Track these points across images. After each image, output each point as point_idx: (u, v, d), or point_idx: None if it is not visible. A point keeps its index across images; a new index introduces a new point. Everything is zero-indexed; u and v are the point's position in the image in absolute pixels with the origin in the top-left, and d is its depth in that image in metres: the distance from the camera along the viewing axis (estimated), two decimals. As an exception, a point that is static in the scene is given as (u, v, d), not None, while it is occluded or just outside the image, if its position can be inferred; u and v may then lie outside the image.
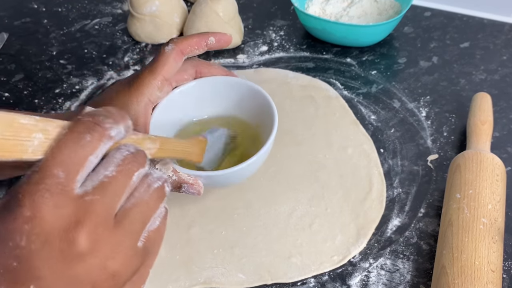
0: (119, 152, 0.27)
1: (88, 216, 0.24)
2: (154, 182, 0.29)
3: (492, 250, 0.43)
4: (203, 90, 0.50)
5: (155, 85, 0.45)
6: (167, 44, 0.46)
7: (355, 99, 0.66)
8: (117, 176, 0.26)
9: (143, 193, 0.28)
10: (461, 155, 0.52)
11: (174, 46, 0.45)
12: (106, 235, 0.25)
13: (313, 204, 0.53)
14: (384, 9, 0.77)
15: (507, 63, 0.71)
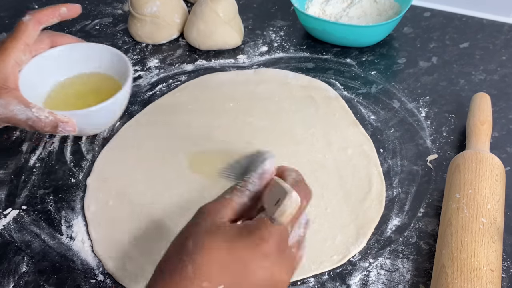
0: (291, 197, 0.33)
1: (286, 240, 0.33)
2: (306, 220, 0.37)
3: (491, 250, 0.43)
4: (65, 54, 0.59)
5: (19, 49, 0.52)
6: (25, 15, 0.53)
7: (354, 99, 0.66)
8: (297, 215, 0.35)
9: (303, 229, 0.36)
10: (461, 155, 0.52)
11: (31, 17, 0.52)
12: (290, 261, 0.34)
13: (313, 204, 0.53)
14: (384, 10, 0.77)
15: (507, 63, 0.71)
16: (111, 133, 0.63)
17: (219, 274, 0.30)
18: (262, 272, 0.30)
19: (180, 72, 0.73)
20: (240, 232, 0.31)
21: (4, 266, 0.49)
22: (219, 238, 0.31)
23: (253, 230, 0.31)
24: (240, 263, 0.30)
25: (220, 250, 0.30)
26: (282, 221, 0.31)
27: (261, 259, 0.30)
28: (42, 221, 0.53)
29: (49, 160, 0.60)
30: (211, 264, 0.30)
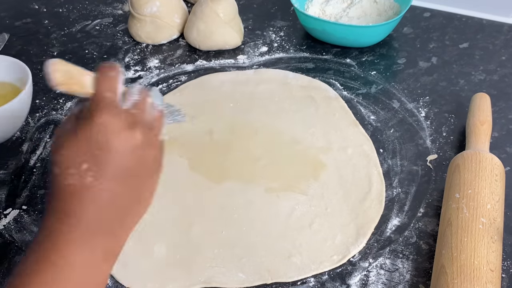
0: (133, 88, 0.39)
1: (138, 121, 0.37)
2: (155, 106, 0.41)
3: (491, 250, 0.43)
4: None
5: None
6: None
7: (354, 99, 0.66)
8: (142, 100, 0.39)
9: (154, 112, 0.40)
10: (460, 155, 0.52)
11: None
12: (148, 133, 0.37)
13: (313, 204, 0.53)
14: (384, 10, 0.77)
15: (506, 64, 0.71)
16: (111, 133, 0.63)
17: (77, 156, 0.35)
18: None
19: (180, 72, 0.73)
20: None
21: (4, 266, 0.49)
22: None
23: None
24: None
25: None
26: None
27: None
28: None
29: (49, 160, 0.60)
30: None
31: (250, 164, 0.57)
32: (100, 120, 0.35)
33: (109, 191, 0.35)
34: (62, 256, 0.33)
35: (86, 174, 0.34)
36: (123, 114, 0.37)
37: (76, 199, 0.34)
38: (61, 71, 0.38)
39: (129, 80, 0.72)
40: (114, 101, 0.37)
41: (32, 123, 0.65)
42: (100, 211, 0.35)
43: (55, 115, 0.66)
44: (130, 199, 0.37)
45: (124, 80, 0.40)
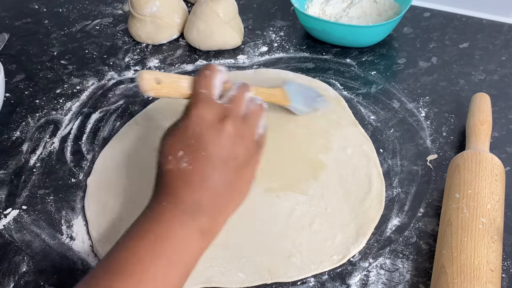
0: (235, 84, 0.46)
1: (229, 114, 0.42)
2: (257, 100, 0.46)
3: (491, 250, 0.43)
4: None
5: None
6: None
7: (354, 99, 0.66)
8: (237, 94, 0.44)
9: (253, 106, 0.45)
10: (460, 155, 0.52)
11: None
12: (240, 125, 0.42)
13: (313, 203, 0.53)
14: (384, 10, 0.77)
15: (506, 64, 0.71)
16: (111, 133, 0.63)
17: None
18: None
19: (180, 72, 0.73)
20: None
21: (5, 266, 0.49)
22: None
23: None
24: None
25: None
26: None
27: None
28: (42, 221, 0.53)
29: (49, 160, 0.60)
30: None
31: (250, 164, 0.57)
32: (196, 112, 0.41)
33: (201, 176, 0.39)
34: (165, 229, 0.38)
35: (182, 160, 0.39)
36: (217, 107, 0.42)
37: (174, 182, 0.39)
38: (147, 79, 0.44)
39: (128, 80, 0.72)
40: (209, 96, 0.42)
41: (32, 123, 0.65)
42: (195, 194, 0.39)
43: (55, 115, 0.66)
44: (223, 185, 0.40)
45: (224, 78, 0.45)
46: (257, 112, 0.45)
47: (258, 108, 0.46)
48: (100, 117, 0.66)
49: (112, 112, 0.66)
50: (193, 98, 0.43)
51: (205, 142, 0.40)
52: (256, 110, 0.45)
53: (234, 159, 0.41)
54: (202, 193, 0.39)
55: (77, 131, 0.64)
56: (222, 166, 0.40)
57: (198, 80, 0.44)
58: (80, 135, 0.63)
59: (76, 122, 0.65)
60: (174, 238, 0.38)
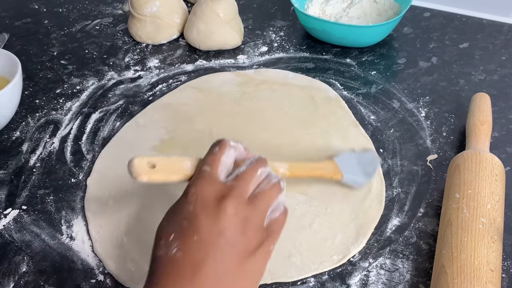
0: (248, 160, 0.40)
1: (231, 193, 0.37)
2: (273, 178, 0.40)
3: (491, 250, 0.43)
4: None
5: None
6: None
7: (354, 99, 0.66)
8: (247, 171, 0.39)
9: (265, 185, 0.40)
10: (460, 155, 0.52)
11: None
12: (243, 207, 0.37)
13: (313, 203, 0.53)
14: (384, 10, 0.77)
15: (506, 64, 0.71)
16: (111, 133, 0.63)
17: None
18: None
19: (180, 72, 0.73)
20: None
21: (4, 266, 0.49)
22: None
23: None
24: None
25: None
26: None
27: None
28: (42, 221, 0.53)
29: (49, 160, 0.60)
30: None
31: (250, 164, 0.57)
32: (193, 190, 0.37)
33: (193, 265, 0.34)
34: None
35: (172, 244, 0.35)
36: (218, 185, 0.37)
37: (163, 270, 0.35)
38: (138, 166, 0.39)
39: (128, 80, 0.72)
40: (212, 173, 0.38)
41: (32, 123, 0.65)
42: (185, 285, 0.34)
43: (55, 115, 0.66)
44: (219, 278, 0.35)
45: (239, 155, 0.41)
46: (271, 192, 0.39)
47: (273, 187, 0.39)
48: (100, 117, 0.66)
49: (112, 112, 0.66)
50: (194, 176, 0.38)
51: (198, 225, 0.35)
52: (270, 190, 0.39)
53: (233, 248, 0.35)
54: (194, 285, 0.34)
55: (77, 131, 0.64)
56: (218, 254, 0.35)
57: (204, 158, 0.39)
58: (80, 135, 0.63)
59: (76, 122, 0.65)
60: None
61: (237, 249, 0.36)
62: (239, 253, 0.36)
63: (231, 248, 0.35)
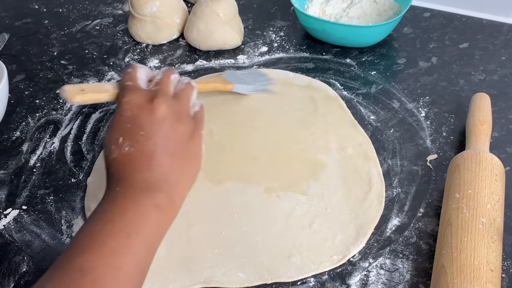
0: (159, 72, 0.47)
1: (158, 94, 0.43)
2: (184, 79, 0.48)
3: (491, 250, 0.43)
4: None
5: None
6: None
7: (354, 99, 0.66)
8: (163, 77, 0.46)
9: (180, 85, 0.47)
10: (460, 155, 0.52)
11: None
12: (171, 103, 0.43)
13: (313, 203, 0.53)
14: (384, 10, 0.77)
15: (506, 64, 0.71)
16: (111, 133, 0.63)
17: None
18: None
19: (180, 72, 0.73)
20: None
21: (5, 266, 0.49)
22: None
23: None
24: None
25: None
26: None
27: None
28: (42, 221, 0.53)
29: (49, 160, 0.60)
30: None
31: (250, 164, 0.57)
32: (125, 99, 0.42)
33: (145, 155, 0.40)
34: (120, 208, 0.39)
35: (123, 145, 0.40)
36: (144, 92, 0.43)
37: (122, 167, 0.40)
38: (69, 90, 0.44)
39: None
40: (135, 85, 0.44)
41: (32, 123, 0.65)
42: (144, 173, 0.40)
43: (55, 115, 0.66)
44: (169, 160, 0.41)
45: (149, 73, 0.47)
46: (187, 89, 0.47)
47: (187, 86, 0.47)
48: (100, 117, 0.66)
49: (112, 112, 0.66)
50: (120, 92, 0.44)
51: (140, 123, 0.41)
52: (186, 88, 0.47)
53: (174, 133, 0.42)
54: (150, 171, 0.40)
55: (77, 131, 0.64)
56: (163, 142, 0.41)
57: (123, 77, 0.45)
58: (80, 135, 0.63)
59: (76, 122, 0.65)
60: (129, 213, 0.39)
61: (177, 134, 0.42)
62: (180, 137, 0.42)
63: (173, 134, 0.42)
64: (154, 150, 0.41)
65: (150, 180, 0.40)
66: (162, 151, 0.41)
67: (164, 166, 0.41)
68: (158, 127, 0.41)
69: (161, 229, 0.41)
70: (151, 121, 0.41)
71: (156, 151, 0.41)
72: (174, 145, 0.42)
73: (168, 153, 0.41)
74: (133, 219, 0.39)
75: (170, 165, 0.41)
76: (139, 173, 0.40)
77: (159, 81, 0.45)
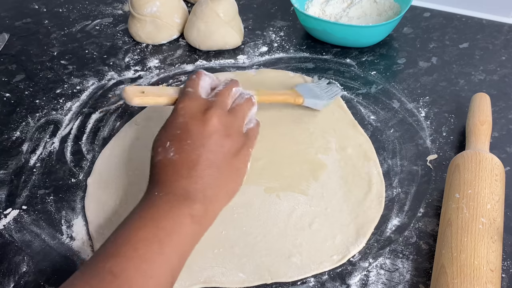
0: (222, 82, 0.48)
1: (214, 105, 0.43)
2: (245, 95, 0.48)
3: (491, 250, 0.43)
4: None
5: None
6: None
7: (354, 99, 0.66)
8: (224, 89, 0.46)
9: (240, 99, 0.47)
10: (460, 155, 0.52)
11: None
12: (225, 116, 0.43)
13: (313, 203, 0.53)
14: (384, 10, 0.77)
15: (506, 64, 0.71)
16: (111, 133, 0.63)
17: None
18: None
19: (180, 72, 0.73)
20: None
21: (5, 266, 0.49)
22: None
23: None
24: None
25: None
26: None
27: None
28: (42, 221, 0.53)
29: (49, 160, 0.60)
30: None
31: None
32: (181, 105, 0.43)
33: (188, 164, 0.41)
34: (155, 214, 0.39)
35: (169, 150, 0.41)
36: (201, 101, 0.44)
37: (164, 171, 0.41)
38: (131, 90, 0.46)
39: (129, 80, 0.72)
40: (195, 92, 0.45)
41: (32, 123, 0.65)
42: (183, 181, 0.41)
43: (55, 115, 0.66)
44: (211, 174, 0.41)
45: (213, 81, 0.48)
46: (245, 105, 0.46)
47: (247, 102, 0.47)
48: (100, 117, 0.66)
49: (112, 112, 0.66)
50: (180, 97, 0.45)
51: (189, 132, 0.41)
52: (244, 103, 0.46)
53: (221, 148, 0.42)
54: (190, 181, 0.41)
55: (77, 131, 0.64)
56: (208, 155, 0.41)
57: (186, 83, 0.46)
58: (80, 135, 0.63)
59: (76, 122, 0.65)
60: (163, 221, 0.39)
61: (224, 149, 0.42)
62: (226, 153, 0.42)
63: (220, 148, 0.42)
64: (197, 161, 0.41)
65: (189, 189, 0.40)
66: (205, 163, 0.41)
67: (204, 179, 0.41)
68: (206, 139, 0.41)
69: (193, 239, 0.41)
70: (200, 132, 0.42)
71: (199, 163, 0.41)
72: (218, 159, 0.42)
73: (211, 166, 0.42)
74: (167, 226, 0.39)
75: (210, 178, 0.41)
76: (179, 181, 0.40)
77: (219, 92, 0.45)
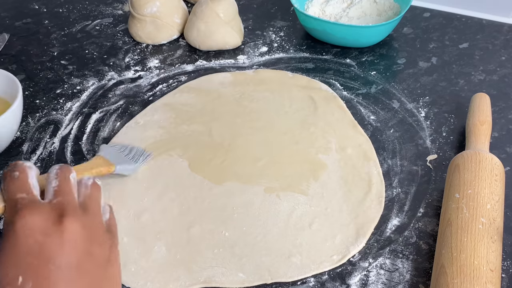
0: (51, 173, 0.37)
1: (63, 210, 0.34)
2: (87, 181, 0.39)
3: (491, 250, 0.43)
4: None
5: None
6: None
7: (354, 99, 0.66)
8: (61, 184, 0.36)
9: (84, 189, 0.38)
10: (460, 155, 0.52)
11: None
12: (81, 218, 0.34)
13: (313, 203, 0.53)
14: (384, 10, 0.77)
15: (506, 64, 0.71)
16: (111, 133, 0.63)
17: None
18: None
19: (180, 72, 0.73)
20: None
21: (5, 266, 0.49)
22: None
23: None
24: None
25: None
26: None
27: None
28: (42, 221, 0.53)
29: (49, 160, 0.60)
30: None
31: (250, 164, 0.57)
32: (22, 223, 0.32)
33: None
34: None
35: (24, 287, 0.31)
36: (46, 208, 0.34)
37: None
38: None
39: (129, 80, 0.72)
40: (32, 199, 0.34)
41: (32, 123, 0.65)
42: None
43: (55, 115, 0.66)
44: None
45: (36, 173, 0.37)
46: (94, 193, 0.38)
47: (93, 188, 0.38)
48: (100, 117, 0.66)
49: (112, 112, 0.67)
50: (11, 210, 0.33)
51: (48, 254, 0.32)
52: (92, 193, 0.38)
53: (92, 256, 0.34)
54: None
55: (77, 131, 0.64)
56: (78, 273, 0.33)
57: (7, 185, 0.35)
58: (80, 135, 0.63)
59: (76, 122, 0.65)
60: None
61: (96, 257, 0.34)
62: (99, 262, 0.34)
63: (89, 261, 0.34)
64: (72, 284, 0.32)
65: None
66: (83, 283, 0.33)
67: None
68: (71, 254, 0.33)
69: None
70: (62, 249, 0.32)
71: (76, 286, 0.32)
72: (91, 273, 0.33)
73: (86, 284, 0.33)
74: None
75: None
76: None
77: (59, 189, 0.36)
